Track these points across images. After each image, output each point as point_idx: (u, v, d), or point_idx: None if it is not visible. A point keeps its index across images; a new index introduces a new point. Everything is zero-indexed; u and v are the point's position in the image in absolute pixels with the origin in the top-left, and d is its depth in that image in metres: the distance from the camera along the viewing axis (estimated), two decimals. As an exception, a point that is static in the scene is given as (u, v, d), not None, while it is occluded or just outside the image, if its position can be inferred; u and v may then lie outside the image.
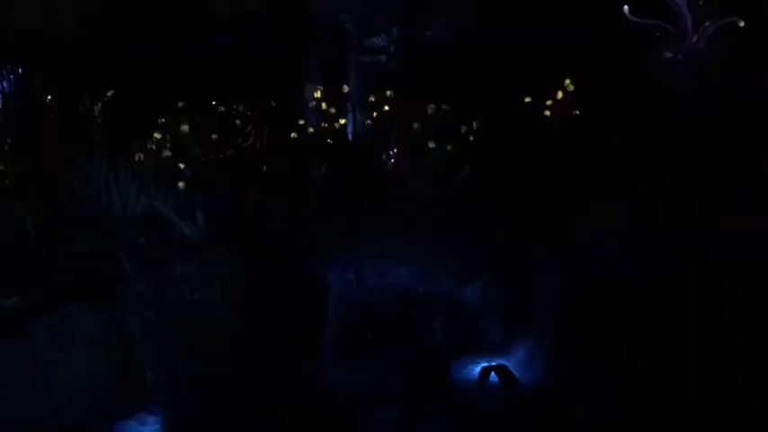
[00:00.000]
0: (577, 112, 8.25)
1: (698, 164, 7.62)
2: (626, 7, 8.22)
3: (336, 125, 8.58)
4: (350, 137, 8.71)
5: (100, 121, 8.89)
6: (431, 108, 8.26)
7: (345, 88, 8.72)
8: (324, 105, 8.63)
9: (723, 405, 6.70)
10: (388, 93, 8.47)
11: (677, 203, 7.52)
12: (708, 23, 8.26)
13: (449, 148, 8.12)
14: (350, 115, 8.69)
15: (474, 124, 8.18)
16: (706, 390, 6.79)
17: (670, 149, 7.75)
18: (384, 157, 8.30)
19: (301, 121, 8.69)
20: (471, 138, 8.18)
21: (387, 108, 8.44)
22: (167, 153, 8.47)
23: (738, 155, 7.68)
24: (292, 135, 8.57)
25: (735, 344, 6.91)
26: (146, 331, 7.77)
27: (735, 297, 7.08)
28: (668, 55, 8.29)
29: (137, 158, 8.55)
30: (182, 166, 8.37)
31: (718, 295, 7.12)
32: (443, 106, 8.25)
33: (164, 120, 8.67)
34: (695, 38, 8.25)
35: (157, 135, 8.56)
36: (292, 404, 7.70)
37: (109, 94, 9.08)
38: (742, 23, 8.11)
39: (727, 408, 6.70)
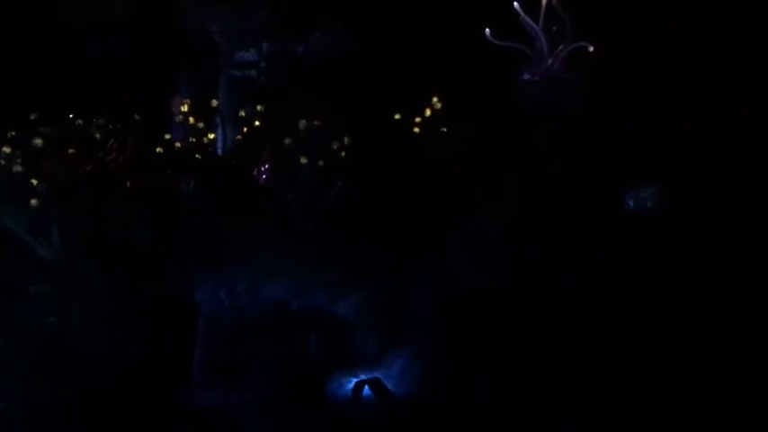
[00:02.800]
0: (445, 129, 8.49)
1: (561, 177, 8.04)
2: (487, 30, 8.55)
3: (205, 140, 8.43)
4: (220, 152, 8.57)
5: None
6: (302, 123, 8.27)
7: (214, 102, 8.61)
8: (192, 119, 8.47)
9: (600, 409, 7.07)
10: (259, 107, 8.40)
11: (543, 216, 7.89)
12: (561, 47, 8.74)
13: (320, 163, 8.16)
14: (219, 130, 8.56)
15: (345, 139, 8.25)
16: (583, 395, 7.14)
17: (534, 164, 8.14)
18: (255, 172, 8.23)
19: (167, 136, 8.48)
20: (343, 153, 8.25)
21: (257, 123, 8.37)
22: (18, 168, 8.03)
23: (592, 168, 8.18)
24: (158, 150, 8.33)
25: (608, 352, 7.30)
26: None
27: (600, 305, 7.49)
28: (527, 76, 8.70)
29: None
30: (35, 182, 7.95)
31: (585, 303, 7.52)
32: (315, 122, 8.28)
33: (14, 133, 8.22)
34: (550, 60, 8.71)
35: (7, 149, 8.10)
36: (162, 427, 7.47)
37: (-48, 104, 8.54)
38: (591, 48, 8.64)
39: (603, 411, 7.09)
